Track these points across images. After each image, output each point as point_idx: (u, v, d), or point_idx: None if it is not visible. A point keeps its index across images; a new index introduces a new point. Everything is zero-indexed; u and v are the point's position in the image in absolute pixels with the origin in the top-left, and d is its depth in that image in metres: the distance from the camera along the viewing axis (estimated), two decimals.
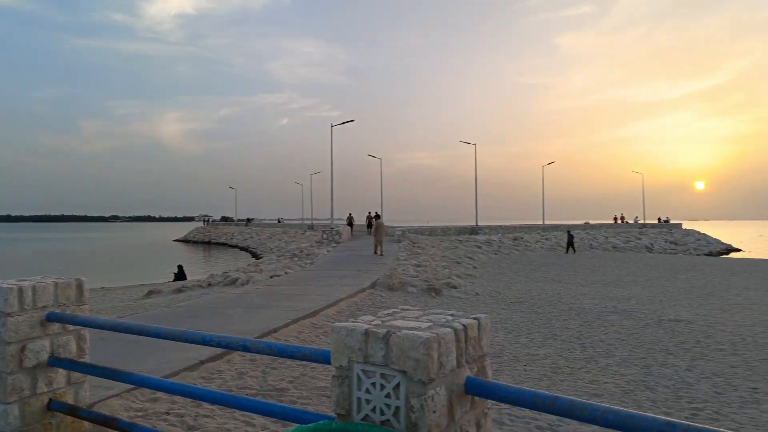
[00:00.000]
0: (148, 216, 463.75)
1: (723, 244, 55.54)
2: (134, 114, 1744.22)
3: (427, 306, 11.24)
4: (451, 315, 2.16)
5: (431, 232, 30.73)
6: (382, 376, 1.73)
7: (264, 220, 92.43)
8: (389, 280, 13.23)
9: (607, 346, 7.95)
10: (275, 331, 7.23)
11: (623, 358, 7.15)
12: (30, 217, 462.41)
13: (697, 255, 41.62)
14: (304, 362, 5.34)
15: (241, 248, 61.33)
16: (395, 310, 2.31)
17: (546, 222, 51.90)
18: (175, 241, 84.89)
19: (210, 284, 14.91)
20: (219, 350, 5.64)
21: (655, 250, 43.93)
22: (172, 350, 5.71)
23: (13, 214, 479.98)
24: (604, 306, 12.33)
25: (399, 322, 1.91)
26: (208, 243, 75.11)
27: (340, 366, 1.81)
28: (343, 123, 31.43)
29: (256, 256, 49.21)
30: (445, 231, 31.33)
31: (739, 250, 53.98)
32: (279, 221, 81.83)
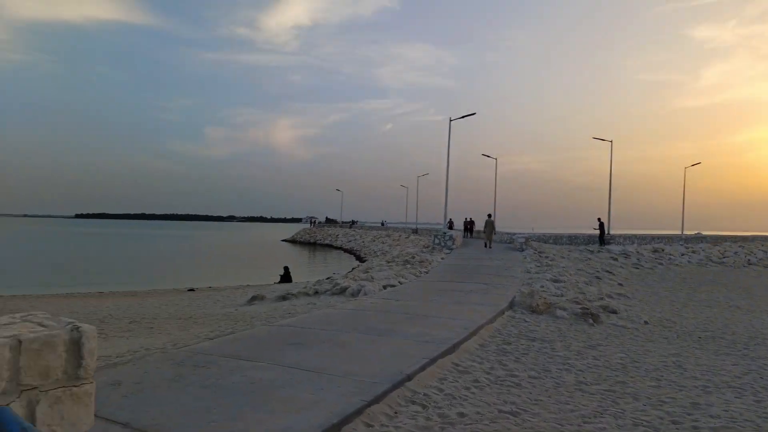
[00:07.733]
0: (261, 216, 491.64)
1: None
2: (251, 121, 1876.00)
3: (590, 339, 8.53)
4: None
5: (555, 240, 27.21)
6: None
7: (367, 222, 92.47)
8: (530, 299, 10.63)
9: None
10: (409, 378, 5.05)
11: None
12: (160, 215, 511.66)
13: None
14: None
15: (345, 250, 61.00)
16: None
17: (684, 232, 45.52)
18: (282, 241, 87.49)
19: (317, 292, 13.25)
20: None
21: None
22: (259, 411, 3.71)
23: (146, 212, 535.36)
24: None
25: None
26: (314, 244, 76.22)
27: None
28: (463, 117, 28.89)
29: (359, 258, 48.29)
30: (572, 239, 27.60)
31: None
32: (383, 224, 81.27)
